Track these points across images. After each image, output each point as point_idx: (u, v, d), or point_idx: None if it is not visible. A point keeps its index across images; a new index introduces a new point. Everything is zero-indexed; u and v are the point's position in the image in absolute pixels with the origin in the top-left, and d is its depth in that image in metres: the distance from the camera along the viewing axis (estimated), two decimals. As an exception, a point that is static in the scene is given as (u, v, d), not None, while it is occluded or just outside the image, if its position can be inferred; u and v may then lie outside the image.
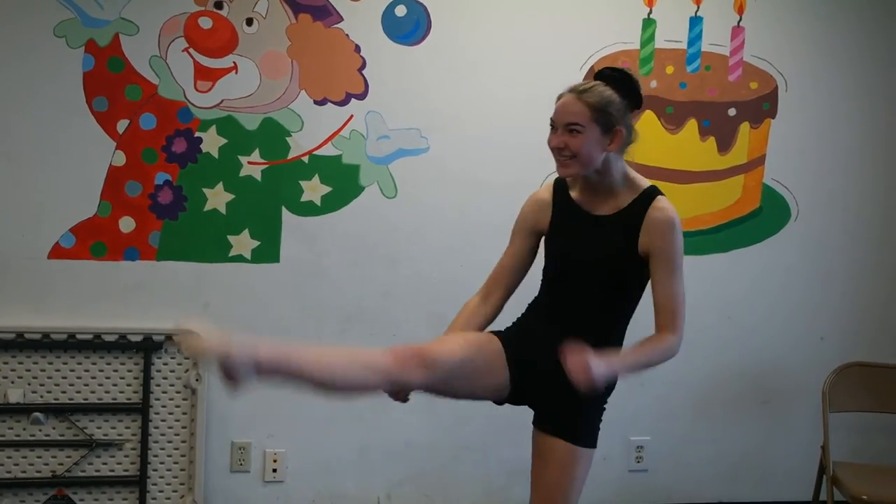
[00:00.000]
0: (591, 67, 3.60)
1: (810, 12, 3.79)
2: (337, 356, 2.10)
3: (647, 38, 3.67)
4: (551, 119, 2.23)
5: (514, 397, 2.31)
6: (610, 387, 2.32)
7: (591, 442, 2.31)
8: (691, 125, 3.72)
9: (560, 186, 2.36)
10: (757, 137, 3.78)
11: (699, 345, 3.79)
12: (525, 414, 3.19)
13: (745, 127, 3.77)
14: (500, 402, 2.34)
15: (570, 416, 2.27)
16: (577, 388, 2.03)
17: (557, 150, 2.21)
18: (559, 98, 2.23)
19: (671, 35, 3.68)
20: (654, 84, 3.67)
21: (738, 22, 3.73)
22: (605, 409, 2.35)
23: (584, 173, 2.23)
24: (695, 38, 3.71)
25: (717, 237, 3.78)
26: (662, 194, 2.28)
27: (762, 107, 3.78)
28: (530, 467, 2.36)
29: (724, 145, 3.75)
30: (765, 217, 3.82)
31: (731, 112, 3.75)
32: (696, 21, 3.70)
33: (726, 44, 3.73)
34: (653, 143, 3.68)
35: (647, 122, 3.66)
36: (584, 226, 2.29)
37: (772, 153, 3.80)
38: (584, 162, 2.20)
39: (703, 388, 3.82)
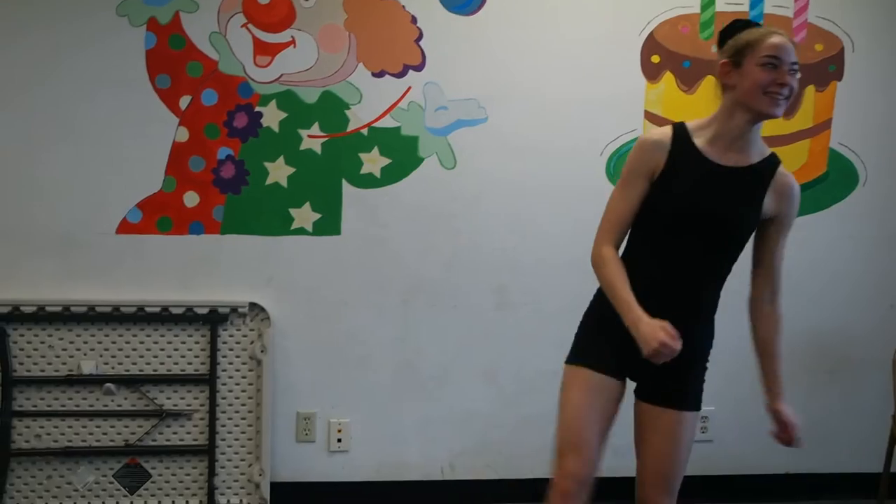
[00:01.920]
0: (651, 33, 3.56)
1: (877, -30, 3.69)
2: None
3: (708, 2, 3.59)
4: (773, 57, 2.11)
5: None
6: (709, 346, 2.37)
7: (696, 405, 2.35)
8: (754, 89, 3.64)
9: (681, 132, 2.23)
10: (823, 101, 3.69)
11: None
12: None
13: (810, 90, 3.68)
14: None
15: (676, 385, 2.30)
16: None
17: (782, 87, 2.12)
18: (766, 36, 2.15)
19: (732, -2, 3.61)
20: (715, 49, 3.58)
21: (802, -18, 3.64)
22: (707, 368, 2.40)
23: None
24: (757, 1, 3.63)
25: (782, 203, 3.70)
26: None
27: (828, 69, 3.68)
28: (634, 436, 2.39)
29: (789, 109, 3.59)
30: (832, 182, 3.73)
31: (796, 75, 3.66)
32: (758, -18, 3.62)
33: (790, 5, 3.64)
34: (715, 107, 3.61)
35: (709, 87, 3.60)
36: (715, 176, 2.20)
37: (838, 117, 3.70)
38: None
39: (769, 356, 3.75)
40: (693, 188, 2.18)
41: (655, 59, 3.58)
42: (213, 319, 3.37)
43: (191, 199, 3.39)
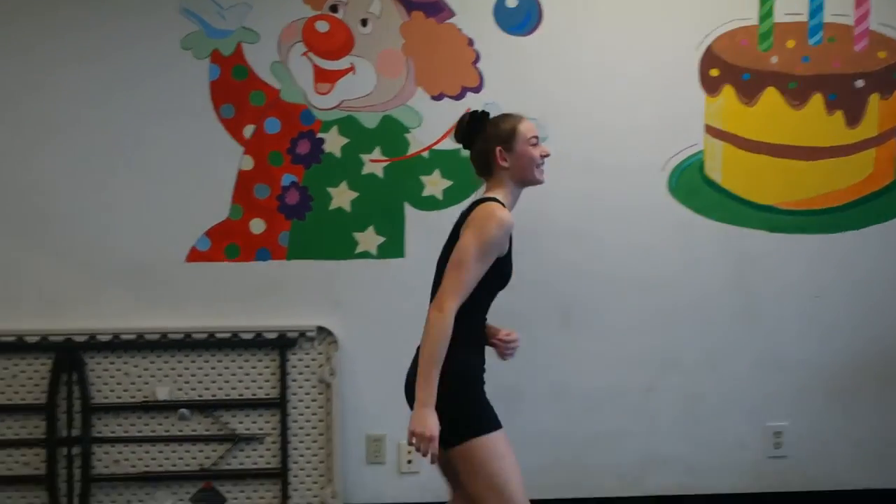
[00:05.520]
0: (708, 46, 3.54)
1: (940, -27, 3.63)
2: None
3: (766, 13, 3.57)
4: (535, 137, 2.51)
5: None
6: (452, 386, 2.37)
7: (457, 438, 2.40)
8: (816, 99, 3.59)
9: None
10: (888, 108, 3.63)
11: (835, 324, 3.67)
12: (665, 401, 3.14)
13: (874, 98, 3.62)
14: None
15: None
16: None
17: (545, 158, 2.53)
18: (520, 122, 2.50)
19: (791, 8, 3.57)
20: (774, 59, 3.57)
21: (863, -11, 3.59)
22: (466, 400, 2.45)
23: None
24: (816, 10, 3.59)
25: (849, 214, 3.64)
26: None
27: (892, 76, 3.62)
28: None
29: (853, 118, 3.61)
30: (900, 190, 3.67)
31: (859, 84, 3.61)
32: (816, -9, 3.58)
33: (850, 13, 3.60)
34: (777, 119, 3.59)
35: (770, 99, 3.57)
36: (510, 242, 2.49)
37: (904, 124, 3.64)
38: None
39: (842, 369, 3.68)
40: (511, 259, 2.51)
41: (714, 72, 3.56)
42: (281, 344, 3.42)
43: (257, 225, 3.46)
